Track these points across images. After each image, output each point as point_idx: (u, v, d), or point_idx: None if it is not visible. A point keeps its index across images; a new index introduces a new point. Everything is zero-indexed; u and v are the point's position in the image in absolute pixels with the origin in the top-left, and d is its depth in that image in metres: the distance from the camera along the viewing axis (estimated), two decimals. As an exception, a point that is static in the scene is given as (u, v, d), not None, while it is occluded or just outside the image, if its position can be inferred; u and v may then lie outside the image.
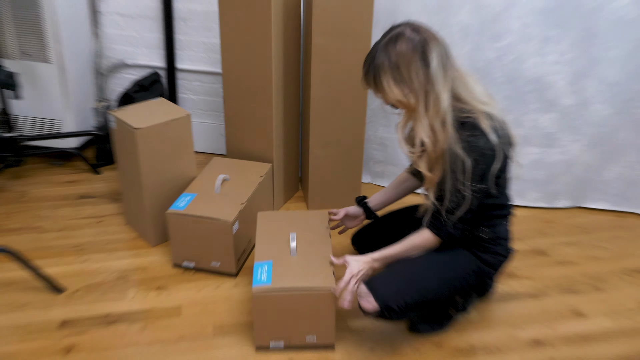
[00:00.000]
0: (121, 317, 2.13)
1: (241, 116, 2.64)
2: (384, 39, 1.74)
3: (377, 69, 1.72)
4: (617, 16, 2.54)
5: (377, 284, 1.87)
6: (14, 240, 2.52)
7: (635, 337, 2.12)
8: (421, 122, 1.74)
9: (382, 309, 1.84)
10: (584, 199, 2.92)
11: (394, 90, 1.72)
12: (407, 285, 1.87)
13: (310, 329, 1.98)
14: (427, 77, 1.69)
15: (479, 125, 1.73)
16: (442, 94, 1.70)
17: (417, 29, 1.71)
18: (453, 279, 1.93)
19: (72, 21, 2.91)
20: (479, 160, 1.73)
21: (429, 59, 1.68)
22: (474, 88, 1.79)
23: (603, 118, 2.72)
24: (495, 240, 1.96)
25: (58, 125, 2.98)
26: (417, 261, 1.93)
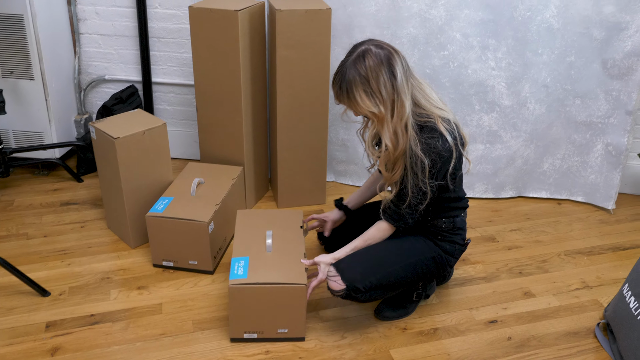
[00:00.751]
0: (105, 316, 1.98)
1: (213, 124, 2.53)
2: (350, 57, 1.66)
3: (350, 84, 1.65)
4: (546, 25, 2.49)
5: (345, 266, 1.80)
6: (1, 247, 2.34)
7: (579, 313, 2.06)
8: (387, 128, 1.68)
9: (349, 289, 1.77)
10: (526, 189, 2.85)
11: (366, 102, 1.65)
12: (372, 267, 1.80)
13: (282, 321, 1.86)
14: (394, 87, 1.64)
15: (436, 128, 1.68)
16: (406, 102, 1.66)
17: (381, 45, 1.66)
18: (414, 264, 1.85)
19: (53, 41, 2.74)
20: (436, 160, 1.68)
21: (395, 71, 1.63)
22: (431, 94, 1.75)
23: (538, 116, 2.66)
24: (453, 230, 1.90)
25: (42, 137, 2.79)
26: (381, 247, 1.86)
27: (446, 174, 1.74)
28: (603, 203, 2.75)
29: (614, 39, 2.48)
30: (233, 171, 2.47)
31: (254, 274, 1.82)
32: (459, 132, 1.75)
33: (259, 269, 1.85)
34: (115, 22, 2.86)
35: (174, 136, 3.06)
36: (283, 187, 2.65)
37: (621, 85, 2.55)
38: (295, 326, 1.87)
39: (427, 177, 1.70)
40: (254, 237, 2.01)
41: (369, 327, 1.95)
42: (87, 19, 2.87)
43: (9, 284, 2.10)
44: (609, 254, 2.41)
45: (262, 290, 1.79)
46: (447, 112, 1.74)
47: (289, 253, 1.92)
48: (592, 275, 2.26)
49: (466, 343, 1.90)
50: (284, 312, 1.84)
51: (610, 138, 2.66)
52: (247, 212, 2.19)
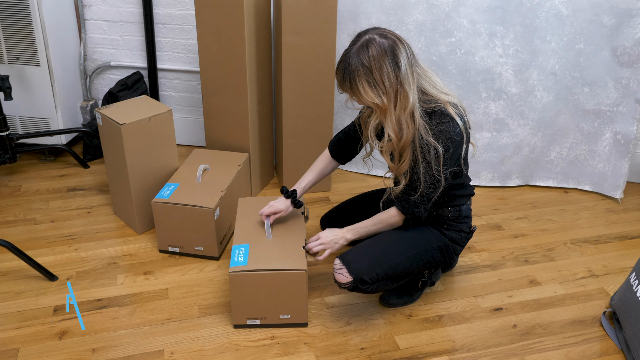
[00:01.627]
0: (112, 301, 2.00)
1: (219, 110, 2.53)
2: (354, 46, 1.63)
3: (352, 74, 1.62)
4: (555, 12, 2.47)
5: (351, 259, 1.80)
6: (9, 232, 2.36)
7: (585, 301, 2.06)
8: (389, 119, 1.66)
9: (356, 281, 1.77)
10: (533, 177, 2.84)
11: (369, 93, 1.62)
12: (378, 259, 1.79)
13: (284, 308, 1.87)
14: (398, 78, 1.61)
15: (447, 112, 1.67)
16: (410, 92, 1.63)
17: (385, 35, 1.62)
18: (420, 254, 1.85)
19: (59, 27, 2.74)
20: (449, 145, 1.67)
21: (399, 61, 1.60)
22: (436, 81, 1.73)
23: (545, 104, 2.64)
24: (458, 218, 1.90)
25: (48, 124, 2.81)
26: (387, 237, 1.85)
27: (459, 159, 1.73)
28: (611, 192, 2.74)
29: (624, 26, 2.46)
30: (239, 158, 2.48)
31: (254, 261, 1.84)
32: (466, 116, 1.73)
33: (259, 256, 1.86)
34: (120, 8, 2.86)
35: (179, 122, 3.06)
36: (288, 174, 2.65)
37: (631, 73, 2.53)
38: (298, 312, 1.88)
39: (442, 164, 1.68)
40: (255, 225, 2.02)
41: (374, 314, 1.96)
42: (92, 5, 2.87)
43: (17, 269, 2.13)
44: (615, 242, 2.41)
45: (263, 276, 1.81)
46: (453, 97, 1.73)
47: (289, 240, 1.93)
48: (598, 264, 2.26)
49: (471, 330, 1.90)
50: (286, 298, 1.85)
51: (619, 126, 2.64)
52: (248, 200, 2.19)
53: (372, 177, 2.84)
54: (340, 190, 2.71)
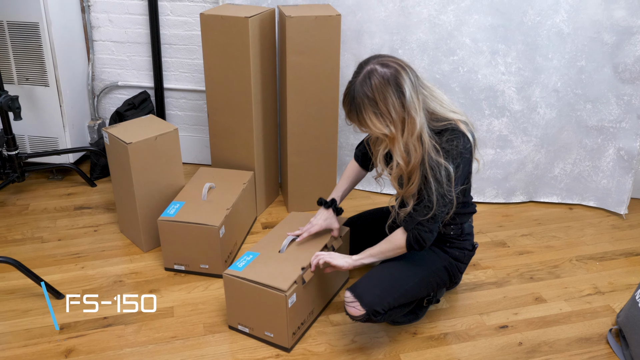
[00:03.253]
0: (117, 319, 1.99)
1: (224, 129, 2.54)
2: (357, 78, 1.63)
3: (359, 107, 1.62)
4: (556, 30, 2.49)
5: (362, 291, 1.76)
6: (17, 250, 2.37)
7: (591, 319, 2.04)
8: (397, 146, 1.65)
9: (369, 314, 1.74)
10: (537, 193, 2.83)
11: (377, 125, 1.62)
12: (389, 288, 1.77)
13: (268, 325, 1.86)
14: (404, 106, 1.60)
15: (457, 128, 1.66)
16: (417, 117, 1.62)
17: (386, 63, 1.62)
18: (428, 276, 1.84)
19: (68, 48, 2.78)
20: (460, 163, 1.65)
21: (403, 89, 1.59)
22: (443, 99, 1.71)
23: (548, 121, 2.65)
24: (461, 236, 1.89)
25: (56, 143, 2.83)
26: (394, 265, 1.84)
27: (468, 176, 1.73)
28: (615, 208, 2.73)
29: (625, 44, 2.47)
30: (244, 176, 2.48)
31: (250, 269, 1.85)
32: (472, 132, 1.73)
33: (258, 267, 1.87)
34: (128, 29, 2.90)
35: (185, 141, 3.08)
36: (293, 192, 2.65)
37: (633, 89, 2.54)
38: (280, 333, 1.85)
39: (453, 183, 1.65)
40: (283, 237, 2.02)
41: (378, 332, 1.95)
42: (100, 27, 2.91)
43: (24, 287, 2.13)
44: (621, 259, 2.39)
45: (246, 286, 1.82)
46: (461, 114, 1.72)
47: (299, 259, 1.92)
48: (604, 281, 2.24)
49: (476, 348, 1.89)
50: (268, 316, 1.84)
51: (622, 142, 2.64)
52: (299, 215, 2.22)
53: (376, 195, 2.84)
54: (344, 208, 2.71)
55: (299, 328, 1.88)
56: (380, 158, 1.75)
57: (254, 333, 1.91)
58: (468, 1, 2.48)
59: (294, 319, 1.83)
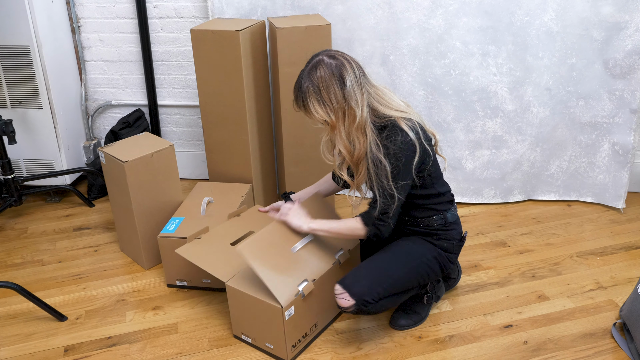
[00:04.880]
0: (122, 338, 1.99)
1: (220, 143, 2.56)
2: (307, 67, 1.75)
3: (304, 93, 1.74)
4: (545, 29, 2.51)
5: (350, 282, 1.82)
6: (17, 274, 2.36)
7: (594, 314, 2.05)
8: (340, 135, 1.76)
9: (359, 303, 1.78)
10: (535, 192, 2.85)
11: (318, 111, 1.74)
12: (377, 277, 1.82)
13: (268, 336, 1.86)
14: (344, 96, 1.71)
15: (397, 124, 1.74)
16: (358, 110, 1.72)
17: (333, 56, 1.75)
18: (417, 266, 1.88)
19: (60, 70, 2.79)
20: (398, 157, 1.72)
21: (345, 80, 1.70)
22: (391, 100, 1.80)
23: (542, 119, 2.67)
24: (446, 226, 1.92)
25: (52, 165, 2.84)
26: (382, 257, 1.90)
27: (411, 172, 1.76)
28: (613, 202, 2.75)
29: (614, 39, 2.50)
30: (242, 188, 2.49)
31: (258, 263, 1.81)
32: (423, 129, 1.79)
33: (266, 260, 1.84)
34: (119, 48, 2.92)
35: (182, 157, 3.09)
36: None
37: (624, 84, 2.56)
38: (279, 345, 1.84)
39: (391, 179, 1.73)
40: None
41: (383, 337, 1.96)
42: (91, 47, 2.93)
43: (27, 311, 2.13)
44: (621, 253, 2.40)
45: (246, 297, 1.83)
46: (410, 114, 1.79)
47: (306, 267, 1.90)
48: (605, 276, 2.25)
49: (482, 349, 1.90)
50: (268, 327, 1.84)
51: (616, 137, 2.66)
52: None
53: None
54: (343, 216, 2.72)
55: (300, 341, 1.87)
56: (323, 147, 1.90)
57: (256, 343, 1.91)
58: (456, 4, 2.50)
59: (292, 332, 1.82)
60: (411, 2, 2.53)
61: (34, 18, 2.55)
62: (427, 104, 2.69)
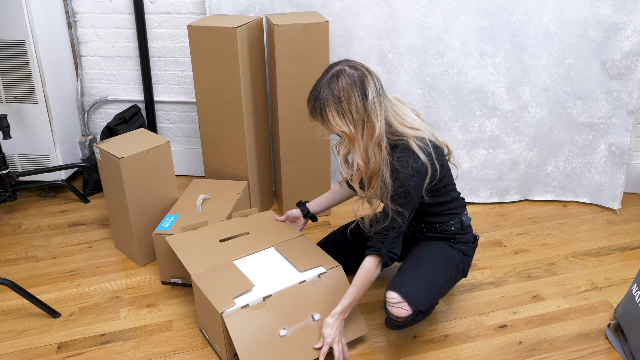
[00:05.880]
0: (115, 335, 1.99)
1: (216, 140, 2.55)
2: (325, 76, 1.70)
3: (323, 103, 1.68)
4: (543, 29, 2.51)
5: (408, 290, 1.73)
6: (11, 270, 2.35)
7: (589, 314, 2.05)
8: (358, 147, 1.71)
9: (415, 314, 1.71)
10: (531, 192, 2.85)
11: (337, 122, 1.68)
12: (430, 286, 1.79)
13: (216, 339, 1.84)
14: (365, 108, 1.67)
15: (408, 146, 1.71)
16: (377, 122, 1.69)
17: (355, 66, 1.70)
18: (451, 271, 1.88)
19: (56, 65, 2.78)
20: (406, 184, 1.70)
21: (367, 92, 1.66)
22: (406, 115, 1.78)
23: (539, 119, 2.67)
24: (462, 229, 1.93)
25: (47, 160, 2.83)
26: (427, 262, 1.86)
27: (416, 197, 1.75)
28: (609, 203, 2.75)
29: (611, 40, 2.50)
30: (238, 186, 2.49)
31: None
32: (436, 145, 1.76)
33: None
34: (115, 43, 2.90)
35: (177, 154, 3.08)
36: (288, 200, 2.66)
37: (621, 85, 2.56)
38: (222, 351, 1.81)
39: (391, 202, 1.72)
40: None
41: (378, 337, 1.95)
42: (88, 42, 2.91)
43: (20, 307, 2.12)
44: (616, 254, 2.41)
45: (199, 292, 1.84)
46: (423, 130, 1.76)
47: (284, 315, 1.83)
48: (600, 276, 2.26)
49: (477, 349, 1.90)
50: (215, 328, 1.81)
51: (612, 138, 2.67)
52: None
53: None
54: (340, 214, 2.73)
55: None
56: (342, 159, 1.83)
57: (210, 341, 1.91)
58: (455, 3, 2.50)
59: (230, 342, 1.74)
60: (409, 0, 2.52)
61: (30, 12, 2.54)
62: (424, 102, 2.69)
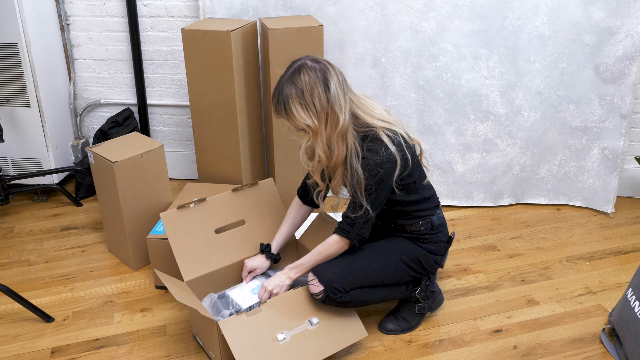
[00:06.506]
0: (109, 340, 1.98)
1: (210, 143, 2.55)
2: (287, 72, 1.72)
3: (286, 98, 1.69)
4: (537, 33, 2.52)
5: (321, 269, 1.83)
6: (3, 274, 2.34)
7: (583, 319, 2.06)
8: (320, 139, 1.73)
9: (327, 290, 1.77)
10: (524, 195, 2.85)
11: (301, 115, 1.70)
12: (348, 266, 1.83)
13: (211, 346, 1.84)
14: (328, 100, 1.68)
15: (378, 136, 1.72)
16: (341, 115, 1.70)
17: (317, 60, 1.72)
18: (394, 262, 1.87)
19: (48, 68, 2.76)
20: (376, 173, 1.71)
21: (329, 84, 1.68)
22: (374, 108, 1.80)
23: (533, 123, 2.67)
24: (432, 230, 1.91)
25: (40, 164, 2.81)
26: (357, 250, 1.88)
27: (388, 187, 1.77)
28: (602, 207, 2.76)
29: (605, 44, 2.51)
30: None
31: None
32: (406, 140, 1.78)
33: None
34: (108, 46, 2.89)
35: (171, 157, 3.07)
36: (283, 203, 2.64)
37: (614, 89, 2.57)
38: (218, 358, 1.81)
39: (364, 192, 1.73)
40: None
41: (373, 342, 1.95)
42: (80, 45, 2.90)
43: (13, 311, 2.10)
44: (610, 258, 2.41)
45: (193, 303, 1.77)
46: (393, 123, 1.77)
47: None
48: (595, 281, 2.26)
49: (472, 353, 1.89)
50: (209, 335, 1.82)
51: (606, 142, 2.68)
52: None
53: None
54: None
55: None
56: (302, 152, 1.85)
57: (204, 348, 1.91)
58: (449, 7, 2.51)
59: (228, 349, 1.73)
60: (404, 4, 2.53)
61: (23, 15, 2.52)
62: (418, 106, 2.69)
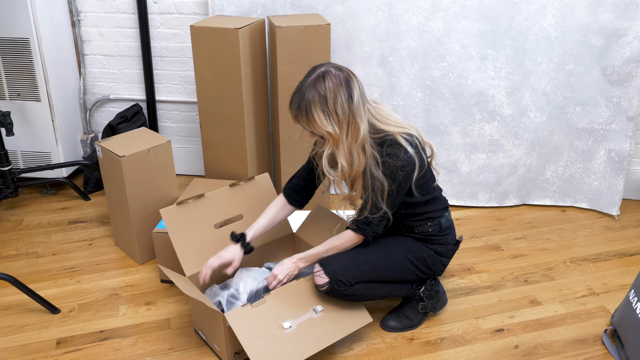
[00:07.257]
0: (114, 332, 2.00)
1: (217, 140, 2.56)
2: (310, 78, 1.70)
3: (309, 103, 1.68)
4: (544, 35, 2.52)
5: (328, 261, 1.84)
6: (11, 266, 2.37)
7: (586, 320, 2.06)
8: (342, 148, 1.72)
9: (332, 282, 1.79)
10: (530, 196, 2.85)
11: (323, 122, 1.68)
12: (355, 260, 1.85)
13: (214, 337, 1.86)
14: (351, 109, 1.68)
15: (396, 140, 1.73)
16: (361, 124, 1.70)
17: (340, 68, 1.72)
18: (400, 260, 1.88)
19: (59, 63, 2.79)
20: (397, 176, 1.73)
21: (352, 93, 1.68)
22: (390, 116, 1.80)
23: (539, 124, 2.67)
24: (441, 232, 1.93)
25: (49, 157, 2.84)
26: (365, 246, 1.89)
27: (406, 189, 1.79)
28: (607, 209, 2.75)
29: (612, 46, 2.50)
30: (238, 186, 2.50)
31: None
32: (421, 143, 1.80)
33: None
34: (118, 42, 2.92)
35: (178, 153, 3.09)
36: (288, 201, 2.66)
37: (621, 91, 2.57)
38: (222, 350, 1.82)
39: (386, 197, 1.74)
40: None
41: (375, 338, 1.96)
42: (91, 41, 2.92)
43: (20, 302, 2.13)
44: (614, 260, 2.41)
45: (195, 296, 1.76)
46: (409, 128, 1.78)
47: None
48: (598, 282, 2.26)
49: (473, 352, 1.90)
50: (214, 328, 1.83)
51: (612, 144, 2.67)
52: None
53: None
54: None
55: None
56: (325, 160, 1.77)
57: (208, 341, 1.92)
58: (456, 7, 2.51)
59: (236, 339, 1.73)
60: (411, 4, 2.53)
61: (35, 11, 2.55)
62: (424, 106, 2.69)
